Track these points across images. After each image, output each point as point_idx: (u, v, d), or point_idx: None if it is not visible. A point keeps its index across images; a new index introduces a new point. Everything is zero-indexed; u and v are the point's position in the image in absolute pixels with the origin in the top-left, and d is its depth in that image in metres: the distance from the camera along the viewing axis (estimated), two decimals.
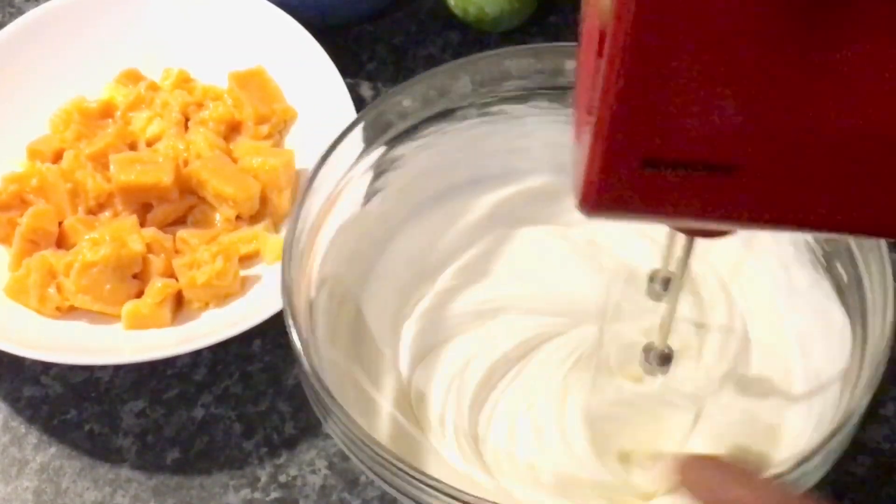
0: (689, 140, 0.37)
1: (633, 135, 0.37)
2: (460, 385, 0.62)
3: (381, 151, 0.64)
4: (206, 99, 0.76)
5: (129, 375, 0.69)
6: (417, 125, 0.65)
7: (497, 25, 0.81)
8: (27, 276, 0.68)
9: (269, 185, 0.72)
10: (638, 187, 0.38)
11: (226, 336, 0.65)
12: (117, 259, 0.67)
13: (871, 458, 0.64)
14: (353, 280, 0.65)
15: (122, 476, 0.66)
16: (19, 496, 0.65)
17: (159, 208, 0.71)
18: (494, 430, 0.61)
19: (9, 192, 0.71)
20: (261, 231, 0.71)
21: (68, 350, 0.66)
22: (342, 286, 0.64)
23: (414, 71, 0.81)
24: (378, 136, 0.64)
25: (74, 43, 0.78)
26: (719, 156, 0.38)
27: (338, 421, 0.54)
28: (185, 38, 0.79)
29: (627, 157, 0.38)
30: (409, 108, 0.64)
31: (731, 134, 0.37)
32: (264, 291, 0.69)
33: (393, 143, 0.65)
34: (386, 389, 0.62)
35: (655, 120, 0.37)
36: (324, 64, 0.75)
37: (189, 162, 0.72)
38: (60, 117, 0.75)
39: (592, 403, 0.61)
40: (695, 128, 0.37)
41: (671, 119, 0.37)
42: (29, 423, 0.68)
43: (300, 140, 0.76)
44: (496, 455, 0.60)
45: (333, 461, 0.66)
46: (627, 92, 0.36)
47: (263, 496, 0.65)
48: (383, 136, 0.64)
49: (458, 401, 0.61)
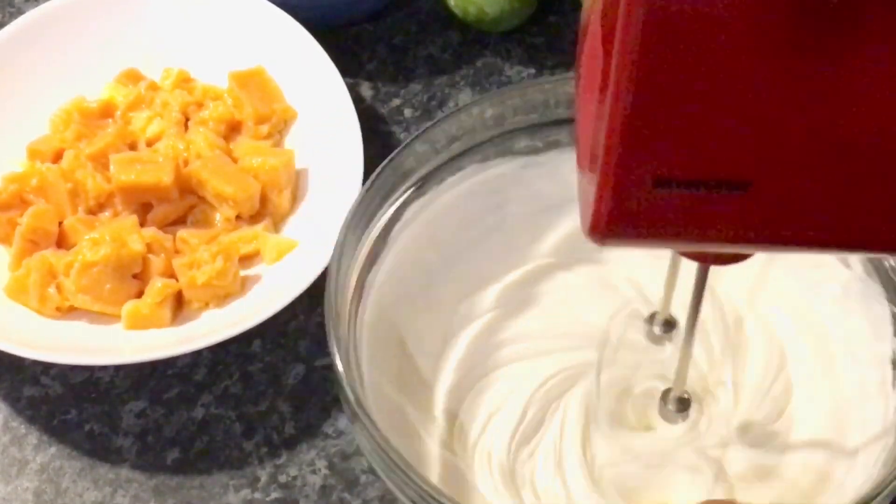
0: (700, 158, 0.37)
1: (643, 157, 0.37)
2: (500, 420, 0.62)
3: (414, 189, 0.64)
4: (206, 99, 0.76)
5: (129, 375, 0.69)
6: (457, 156, 0.65)
7: (497, 25, 0.81)
8: (27, 275, 0.68)
9: (269, 185, 0.72)
10: (650, 210, 0.38)
11: (226, 336, 0.65)
12: (117, 259, 0.67)
13: None
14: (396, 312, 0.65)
15: (122, 476, 0.66)
16: (19, 496, 0.65)
17: (159, 208, 0.71)
18: (531, 468, 0.61)
19: (9, 191, 0.71)
20: (261, 231, 0.71)
21: (68, 350, 0.66)
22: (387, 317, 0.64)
23: (414, 71, 0.81)
24: (413, 171, 0.64)
25: (74, 43, 0.78)
26: (731, 172, 0.37)
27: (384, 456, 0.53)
28: (185, 38, 0.79)
29: (638, 179, 0.37)
30: (446, 143, 0.64)
31: (742, 150, 0.37)
32: (264, 291, 0.69)
33: (426, 178, 0.65)
34: (429, 424, 0.62)
35: (665, 140, 0.36)
36: (324, 64, 0.75)
37: (189, 162, 0.72)
38: (60, 117, 0.75)
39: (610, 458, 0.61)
40: (705, 145, 0.36)
41: (681, 138, 0.36)
42: (29, 424, 0.68)
43: (300, 140, 0.76)
44: (534, 493, 0.60)
45: (333, 461, 0.66)
46: (635, 116, 0.36)
47: (263, 496, 0.65)
48: (418, 172, 0.64)
49: (499, 435, 0.62)
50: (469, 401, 0.63)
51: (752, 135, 0.36)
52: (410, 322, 0.65)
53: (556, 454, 0.61)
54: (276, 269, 0.70)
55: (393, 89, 0.80)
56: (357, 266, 0.61)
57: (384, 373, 0.62)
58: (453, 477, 0.60)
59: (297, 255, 0.70)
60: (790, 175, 0.37)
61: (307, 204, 0.73)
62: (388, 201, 0.63)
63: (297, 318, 0.70)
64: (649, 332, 0.59)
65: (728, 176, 0.37)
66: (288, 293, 0.66)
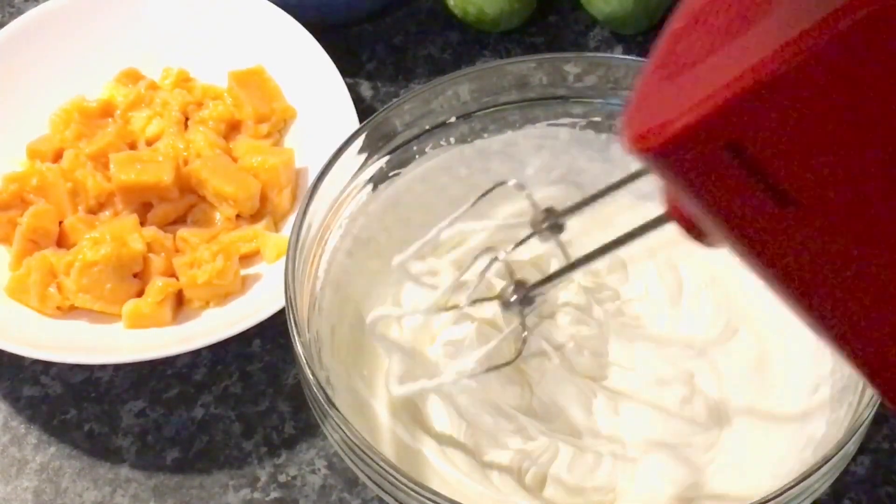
0: (787, 159, 0.35)
1: (751, 116, 0.35)
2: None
3: (384, 160, 0.65)
4: (206, 98, 0.76)
5: (129, 375, 0.69)
6: (420, 135, 0.65)
7: (497, 25, 0.81)
8: (28, 275, 0.68)
9: (269, 184, 0.72)
10: (704, 158, 0.36)
11: (226, 335, 0.65)
12: (118, 258, 0.67)
13: (871, 457, 0.64)
14: (355, 286, 0.65)
15: (122, 476, 0.66)
16: (19, 496, 0.65)
17: (159, 207, 0.71)
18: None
19: (9, 191, 0.71)
20: (261, 230, 0.71)
21: (68, 349, 0.66)
22: (344, 291, 0.64)
23: (414, 71, 0.81)
24: (382, 144, 0.64)
25: (74, 43, 0.78)
26: (791, 182, 0.36)
27: (336, 427, 0.54)
28: (184, 37, 0.79)
29: (724, 129, 0.35)
30: (410, 118, 0.64)
31: (814, 173, 0.35)
32: (264, 290, 0.69)
33: (395, 152, 0.65)
34: (382, 397, 0.62)
35: (781, 123, 0.35)
36: (324, 64, 0.75)
37: (189, 161, 0.72)
38: (60, 117, 0.75)
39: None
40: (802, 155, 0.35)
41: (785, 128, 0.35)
42: (29, 423, 0.67)
43: (300, 139, 0.76)
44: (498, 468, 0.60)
45: (333, 461, 0.66)
46: (781, 83, 0.34)
47: (263, 496, 0.65)
48: (387, 146, 0.64)
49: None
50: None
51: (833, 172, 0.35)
52: (367, 297, 0.65)
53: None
54: (277, 269, 0.70)
55: (393, 89, 0.80)
56: (319, 240, 0.62)
57: (340, 347, 0.62)
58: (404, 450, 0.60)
59: None
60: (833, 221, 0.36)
61: None
62: (350, 183, 0.63)
63: None
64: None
65: (786, 183, 0.36)
66: None
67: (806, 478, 0.51)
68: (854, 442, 0.53)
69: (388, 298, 0.65)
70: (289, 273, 0.57)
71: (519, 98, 0.66)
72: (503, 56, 0.82)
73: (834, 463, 0.52)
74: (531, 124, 0.67)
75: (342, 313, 0.63)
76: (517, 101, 0.66)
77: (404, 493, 0.52)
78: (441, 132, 0.66)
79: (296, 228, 0.59)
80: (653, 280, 0.66)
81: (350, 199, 0.64)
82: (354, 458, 0.54)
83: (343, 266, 0.64)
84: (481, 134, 0.67)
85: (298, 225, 0.59)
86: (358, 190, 0.64)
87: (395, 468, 0.52)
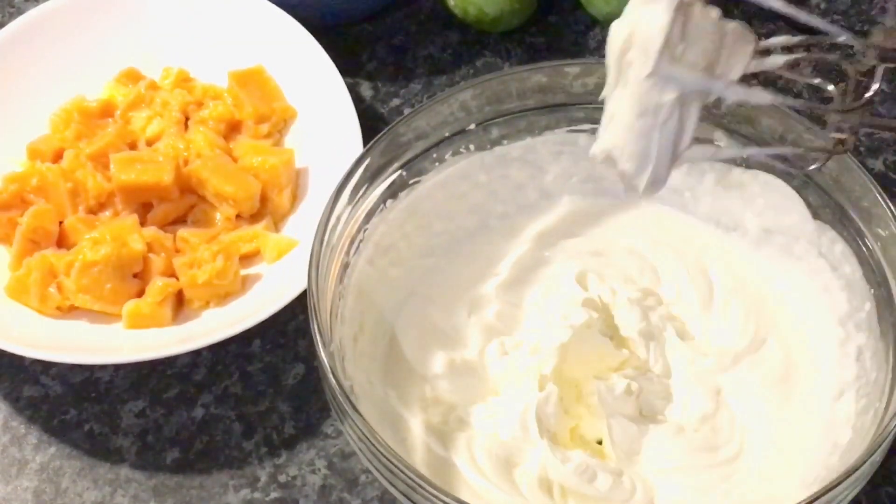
0: None
1: None
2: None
3: (404, 168, 0.65)
4: (206, 98, 0.76)
5: (129, 375, 0.69)
6: (439, 143, 0.66)
7: (497, 25, 0.81)
8: (28, 275, 0.68)
9: (269, 184, 0.72)
10: None
11: (226, 335, 0.65)
12: (118, 258, 0.67)
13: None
14: (376, 294, 0.65)
15: (122, 476, 0.66)
16: (19, 496, 0.65)
17: (160, 207, 0.71)
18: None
19: (9, 191, 0.71)
20: (261, 230, 0.71)
21: (68, 349, 0.66)
22: (365, 299, 0.64)
23: (414, 71, 0.81)
24: (401, 152, 0.65)
25: (74, 43, 0.78)
26: None
27: (363, 436, 0.54)
28: (184, 37, 0.79)
29: None
30: (429, 125, 0.65)
31: None
32: (264, 291, 0.69)
33: (414, 159, 0.65)
34: (416, 412, 0.62)
35: None
36: (324, 64, 0.75)
37: (189, 161, 0.72)
38: (60, 117, 0.75)
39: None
40: None
41: None
42: (29, 423, 0.67)
43: (300, 139, 0.76)
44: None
45: (333, 461, 0.66)
46: None
47: (263, 496, 0.65)
48: (407, 153, 0.65)
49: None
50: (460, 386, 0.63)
51: None
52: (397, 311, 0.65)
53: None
54: (277, 269, 0.70)
55: (393, 89, 0.80)
56: (339, 255, 0.62)
57: (371, 365, 0.62)
58: (439, 465, 0.60)
59: (297, 255, 0.70)
60: None
61: (307, 203, 0.73)
62: (369, 190, 0.63)
63: (297, 317, 0.70)
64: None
65: None
66: (288, 292, 0.66)
67: (834, 487, 0.52)
68: (881, 451, 0.53)
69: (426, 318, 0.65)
70: (312, 282, 0.57)
71: (538, 104, 0.67)
72: (503, 56, 0.82)
73: (862, 472, 0.53)
74: (550, 130, 0.67)
75: (364, 321, 0.64)
76: (536, 108, 0.67)
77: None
78: (460, 139, 0.66)
79: (318, 237, 0.59)
80: (684, 283, 0.66)
81: (370, 206, 0.64)
82: (381, 468, 0.54)
83: (364, 273, 0.64)
84: (500, 141, 0.67)
85: (322, 233, 0.59)
86: (378, 198, 0.64)
87: (426, 480, 0.52)
